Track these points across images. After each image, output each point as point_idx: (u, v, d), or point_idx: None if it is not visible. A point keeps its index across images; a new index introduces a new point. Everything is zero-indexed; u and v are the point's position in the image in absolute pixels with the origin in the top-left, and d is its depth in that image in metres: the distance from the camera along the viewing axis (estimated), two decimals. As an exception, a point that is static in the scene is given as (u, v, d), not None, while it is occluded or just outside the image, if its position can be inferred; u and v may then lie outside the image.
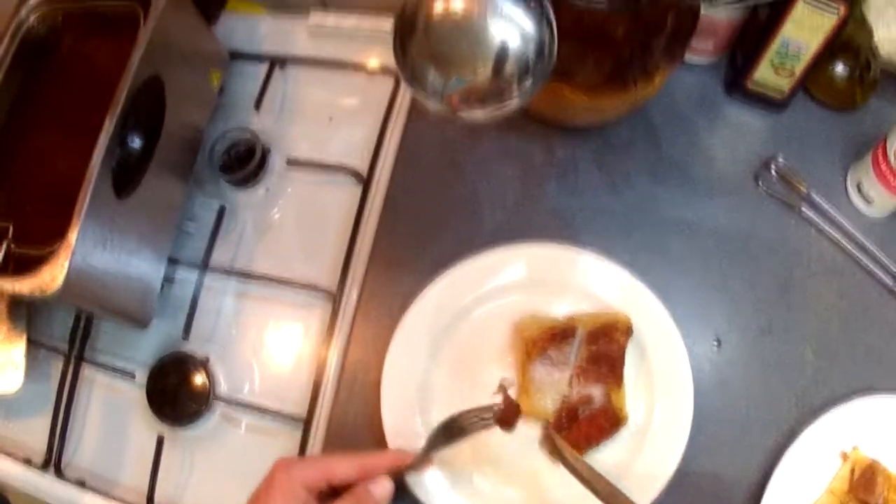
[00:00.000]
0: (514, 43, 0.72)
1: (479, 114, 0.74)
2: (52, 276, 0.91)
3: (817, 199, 1.10)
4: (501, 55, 0.72)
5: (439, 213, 1.14)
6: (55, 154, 1.08)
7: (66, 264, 0.91)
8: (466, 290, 1.04)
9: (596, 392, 0.97)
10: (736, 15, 1.11)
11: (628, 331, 0.99)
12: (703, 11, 0.95)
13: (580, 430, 0.97)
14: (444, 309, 1.03)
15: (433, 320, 1.03)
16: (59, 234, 0.93)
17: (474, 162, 1.16)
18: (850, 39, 1.11)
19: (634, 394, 1.00)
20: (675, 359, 0.99)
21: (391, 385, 1.01)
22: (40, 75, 1.13)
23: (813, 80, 1.15)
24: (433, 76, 0.74)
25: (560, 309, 1.03)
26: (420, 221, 1.14)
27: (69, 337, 1.16)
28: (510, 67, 0.72)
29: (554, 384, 0.97)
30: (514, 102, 0.74)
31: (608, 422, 0.97)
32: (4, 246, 0.99)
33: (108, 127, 0.96)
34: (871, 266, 1.06)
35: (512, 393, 1.00)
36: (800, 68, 1.09)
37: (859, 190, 1.10)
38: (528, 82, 0.73)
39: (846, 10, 0.99)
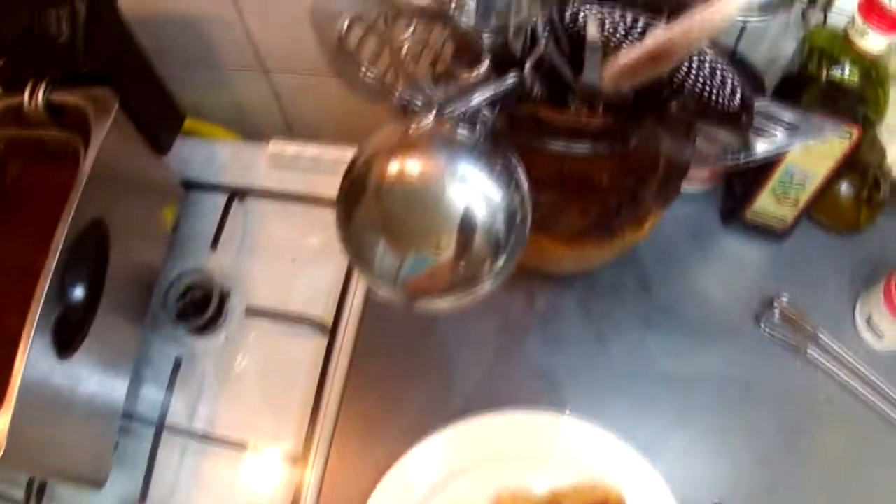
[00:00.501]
0: (481, 214, 0.63)
1: (441, 303, 0.65)
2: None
3: (824, 338, 1.04)
4: (466, 229, 0.63)
5: (410, 372, 1.08)
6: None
7: (4, 438, 0.85)
8: (441, 462, 0.97)
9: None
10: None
11: (620, 509, 0.92)
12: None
13: None
14: (417, 482, 0.97)
15: (406, 495, 0.96)
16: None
17: (448, 314, 1.10)
18: (858, 158, 1.06)
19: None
20: (673, 532, 0.93)
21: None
22: None
23: (817, 204, 1.11)
24: (384, 253, 0.65)
25: (543, 480, 0.97)
26: (390, 381, 1.08)
27: (26, 486, 1.07)
28: (478, 243, 0.63)
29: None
30: (484, 287, 0.65)
31: None
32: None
33: (44, 283, 0.89)
34: (883, 406, 1.01)
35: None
36: (805, 197, 1.05)
37: (869, 323, 1.04)
38: (501, 260, 0.65)
39: (860, 134, 0.94)
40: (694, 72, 0.69)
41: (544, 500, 0.94)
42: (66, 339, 0.93)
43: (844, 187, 1.10)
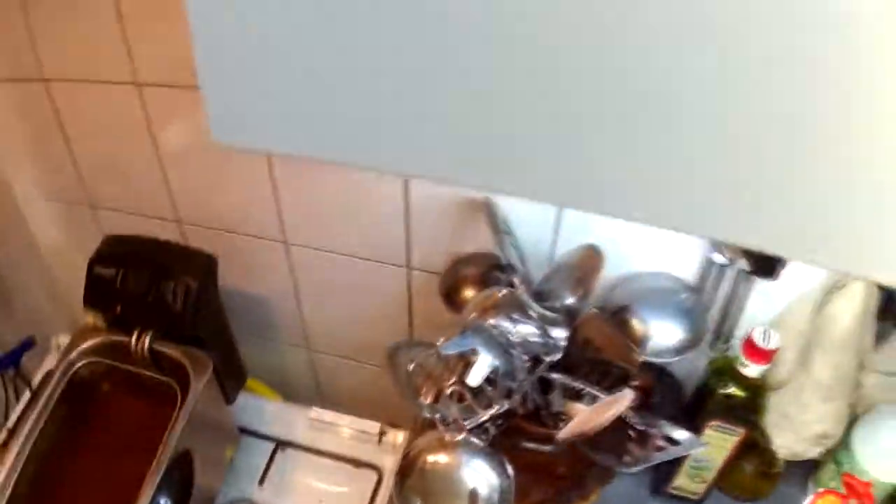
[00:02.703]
0: (483, 492, 0.96)
1: None
2: None
3: None
4: (473, 500, 0.95)
5: None
6: (91, 490, 1.23)
7: None
8: None
9: None
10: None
11: None
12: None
13: None
14: None
15: None
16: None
17: None
18: (756, 443, 1.28)
19: None
20: None
21: None
22: (81, 418, 1.28)
23: (725, 479, 1.32)
24: None
25: None
26: None
27: None
28: None
29: None
30: None
31: None
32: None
33: (148, 491, 1.12)
34: None
35: None
36: (711, 476, 1.28)
37: None
38: None
39: (746, 433, 1.19)
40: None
41: None
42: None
43: (748, 467, 1.31)
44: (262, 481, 1.44)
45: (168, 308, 1.24)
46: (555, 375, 1.03)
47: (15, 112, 1.36)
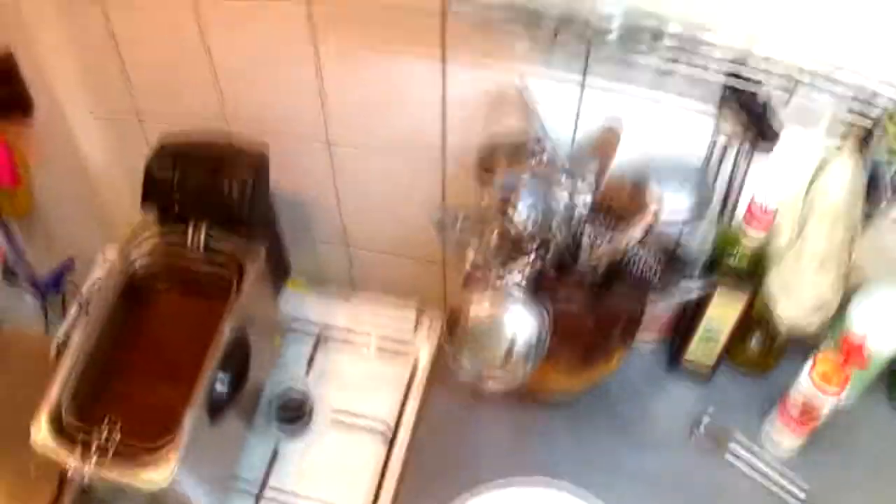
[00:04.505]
0: (522, 337, 1.06)
1: (496, 384, 1.07)
2: (161, 475, 1.10)
3: (738, 445, 1.35)
4: (512, 346, 1.06)
5: (449, 463, 1.35)
6: (151, 378, 1.30)
7: (176, 463, 1.10)
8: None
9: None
10: (672, 307, 1.41)
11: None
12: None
13: None
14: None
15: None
16: (159, 438, 1.12)
17: (476, 425, 1.42)
18: (761, 317, 1.37)
19: None
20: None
21: None
22: (141, 311, 1.34)
23: (734, 353, 1.42)
24: (468, 358, 1.08)
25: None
26: (433, 469, 1.35)
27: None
28: (518, 354, 1.06)
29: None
30: (520, 376, 1.07)
31: None
32: (117, 436, 1.13)
33: (209, 367, 1.19)
34: (783, 493, 1.31)
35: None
36: (721, 344, 1.37)
37: (771, 435, 1.36)
38: (530, 364, 1.07)
39: (751, 297, 1.28)
40: (635, 262, 1.12)
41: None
42: (211, 413, 1.21)
43: (754, 341, 1.42)
44: (308, 368, 1.54)
45: (224, 200, 1.29)
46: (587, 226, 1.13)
47: (69, 35, 1.41)
